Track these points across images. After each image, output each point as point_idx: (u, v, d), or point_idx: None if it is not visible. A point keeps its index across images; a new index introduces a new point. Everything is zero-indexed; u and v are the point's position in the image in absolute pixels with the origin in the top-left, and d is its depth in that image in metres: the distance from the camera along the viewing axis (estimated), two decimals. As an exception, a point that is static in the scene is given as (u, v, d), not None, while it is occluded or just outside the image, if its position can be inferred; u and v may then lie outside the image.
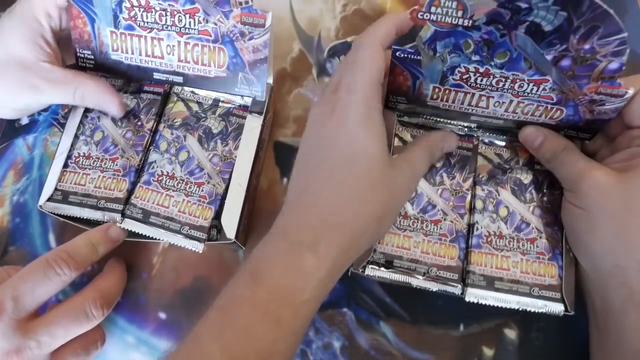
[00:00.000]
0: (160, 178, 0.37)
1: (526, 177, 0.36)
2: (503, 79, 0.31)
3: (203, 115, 0.39)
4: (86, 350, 0.35)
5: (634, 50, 0.41)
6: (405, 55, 0.31)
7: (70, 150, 0.38)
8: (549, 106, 0.32)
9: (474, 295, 0.33)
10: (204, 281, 0.39)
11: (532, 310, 0.33)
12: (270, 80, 0.38)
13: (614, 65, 0.28)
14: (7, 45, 0.36)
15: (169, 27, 0.36)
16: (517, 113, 0.33)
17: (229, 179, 0.36)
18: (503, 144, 0.37)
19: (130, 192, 0.36)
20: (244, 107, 0.39)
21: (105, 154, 0.38)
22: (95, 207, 0.36)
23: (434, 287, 0.33)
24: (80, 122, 0.39)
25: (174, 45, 0.37)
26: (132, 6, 0.35)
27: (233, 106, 0.39)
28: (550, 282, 0.33)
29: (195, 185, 0.36)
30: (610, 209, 0.30)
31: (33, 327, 0.31)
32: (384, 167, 0.30)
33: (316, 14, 0.46)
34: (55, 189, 0.37)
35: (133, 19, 0.36)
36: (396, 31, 0.32)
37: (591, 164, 0.32)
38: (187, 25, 0.35)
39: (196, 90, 0.39)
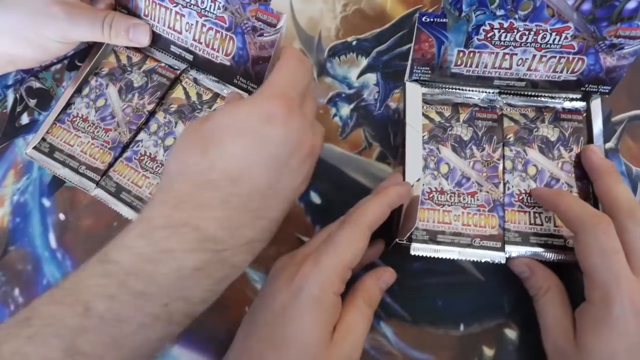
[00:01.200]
0: (142, 158, 0.38)
1: (552, 135, 0.37)
2: (526, 32, 0.32)
3: (199, 107, 0.39)
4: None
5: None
6: (431, 20, 0.32)
7: (69, 107, 0.39)
8: (571, 57, 0.34)
9: (513, 252, 0.34)
10: (204, 281, 0.39)
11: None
12: None
13: (632, 4, 0.29)
14: None
15: (192, 6, 0.36)
16: (539, 71, 0.35)
17: None
18: (528, 103, 0.38)
19: (111, 165, 0.38)
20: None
21: (101, 122, 0.39)
22: (75, 171, 0.38)
23: (479, 257, 0.34)
24: (88, 84, 0.40)
25: (192, 24, 0.38)
26: None
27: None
28: None
29: None
30: None
31: (305, 110, 0.30)
32: (319, 350, 0.28)
33: (316, 14, 0.46)
34: (43, 140, 0.39)
35: None
36: (390, 209, 0.32)
37: (558, 325, 0.32)
38: (208, 9, 0.36)
39: (200, 81, 0.40)
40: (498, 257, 0.34)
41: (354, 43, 0.45)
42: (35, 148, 0.38)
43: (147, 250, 0.25)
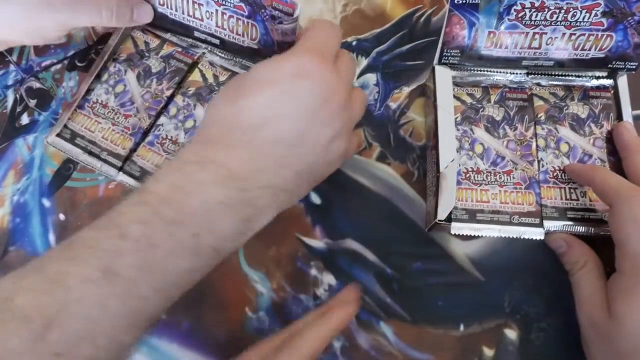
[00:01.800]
0: (163, 141, 0.38)
1: (582, 112, 0.38)
2: (557, 11, 0.33)
3: (217, 88, 0.40)
4: (363, 100, 0.34)
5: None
6: (464, 1, 0.33)
7: (89, 94, 0.40)
8: (599, 34, 0.35)
9: (551, 227, 0.35)
10: (204, 281, 0.38)
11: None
12: None
13: None
14: None
15: None
16: (567, 49, 0.36)
17: None
18: (556, 82, 0.39)
19: (133, 151, 0.39)
20: None
21: (121, 108, 0.39)
22: (97, 157, 0.38)
23: (518, 234, 0.34)
24: (107, 70, 0.40)
25: (212, 12, 0.38)
26: None
27: None
28: None
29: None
30: (600, 348, 0.31)
31: (339, 67, 0.31)
32: None
33: (316, 14, 0.46)
34: (65, 127, 0.39)
35: None
36: (332, 337, 0.32)
37: (594, 297, 0.32)
38: None
39: (216, 62, 0.41)
40: (537, 233, 0.34)
41: (354, 43, 0.45)
42: (58, 135, 0.39)
43: (180, 182, 0.27)
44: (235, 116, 0.29)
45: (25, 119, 0.44)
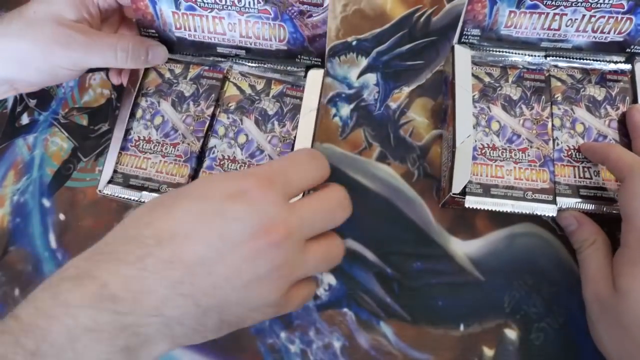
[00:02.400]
0: (222, 162, 0.38)
1: (599, 94, 0.38)
2: None
3: (257, 97, 0.39)
4: (329, 257, 0.30)
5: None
6: None
7: (128, 134, 0.39)
8: (619, 17, 0.35)
9: (564, 204, 0.35)
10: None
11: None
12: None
13: None
14: (50, 3, 0.35)
15: (229, 7, 0.36)
16: (587, 32, 0.36)
17: None
18: (574, 65, 0.39)
19: (193, 177, 0.37)
20: (297, 87, 0.39)
21: (166, 138, 0.38)
22: (157, 191, 0.37)
23: (531, 209, 0.35)
24: (139, 106, 0.40)
25: (235, 23, 0.37)
26: None
27: (286, 86, 0.39)
28: None
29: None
30: (605, 324, 0.31)
31: (296, 206, 0.27)
32: None
33: (316, 14, 0.46)
34: (115, 172, 0.38)
35: (193, 0, 0.36)
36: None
37: (600, 273, 0.32)
38: (247, 5, 0.36)
39: (246, 72, 0.40)
40: (550, 209, 0.35)
41: (354, 43, 0.45)
42: (110, 182, 0.37)
43: (46, 304, 0.23)
44: (142, 227, 0.25)
45: (25, 119, 0.44)
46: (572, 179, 0.36)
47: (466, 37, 0.38)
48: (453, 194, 0.35)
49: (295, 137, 0.37)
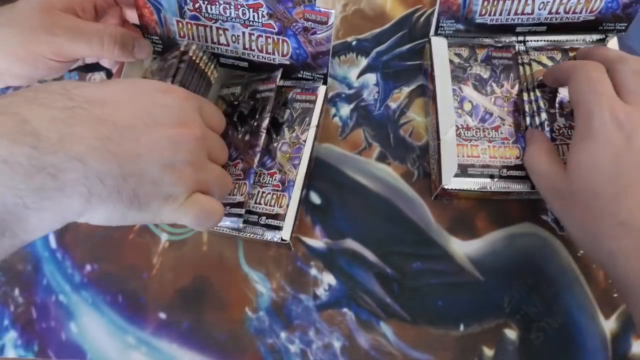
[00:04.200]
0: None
1: None
2: None
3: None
4: (224, 178, 0.32)
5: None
6: None
7: None
8: None
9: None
10: (204, 281, 0.39)
11: None
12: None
13: None
14: None
15: (234, 19, 0.36)
16: (559, 13, 0.37)
17: (299, 164, 0.37)
18: (552, 47, 0.39)
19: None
20: (306, 90, 0.39)
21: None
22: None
23: (505, 186, 0.35)
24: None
25: (239, 35, 0.37)
26: None
27: (295, 91, 0.39)
28: None
29: (268, 175, 0.37)
30: (565, 210, 0.31)
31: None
32: None
33: (316, 14, 0.46)
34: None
35: (198, 10, 0.36)
36: None
37: (550, 167, 0.33)
38: (251, 19, 0.36)
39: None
40: (524, 185, 0.35)
41: (354, 43, 0.45)
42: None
43: None
44: (70, 88, 0.25)
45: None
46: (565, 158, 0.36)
47: (442, 28, 0.39)
48: (444, 186, 0.35)
49: (304, 140, 0.37)
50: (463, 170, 0.36)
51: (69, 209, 0.24)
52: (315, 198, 0.40)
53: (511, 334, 0.36)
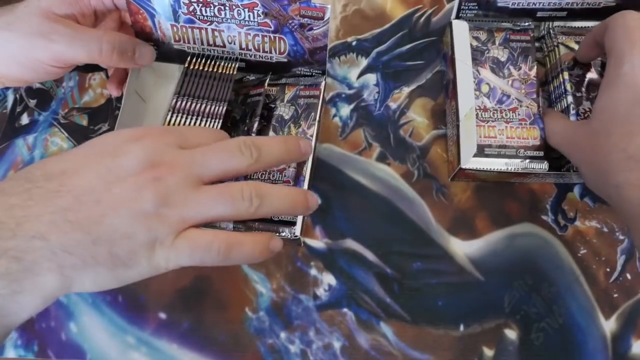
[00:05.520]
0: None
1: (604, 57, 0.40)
2: None
3: (272, 105, 0.39)
4: (226, 195, 0.28)
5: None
6: None
7: None
8: None
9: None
10: (204, 281, 0.39)
11: None
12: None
13: None
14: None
15: (229, 20, 0.36)
16: None
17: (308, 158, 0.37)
18: (579, 32, 0.40)
19: None
20: (310, 86, 0.39)
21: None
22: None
23: (523, 167, 0.36)
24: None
25: (234, 36, 0.37)
26: (191, 2, 0.35)
27: (299, 87, 0.39)
28: None
29: (278, 172, 0.37)
30: (581, 156, 0.33)
31: (190, 150, 0.28)
32: None
33: (316, 14, 0.46)
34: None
35: (192, 13, 0.36)
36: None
37: (565, 123, 0.35)
38: (247, 18, 0.36)
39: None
40: (542, 165, 0.36)
41: (354, 43, 0.45)
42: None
43: None
44: (33, 169, 0.25)
45: (25, 119, 0.44)
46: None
47: (464, 11, 0.39)
48: (462, 167, 0.35)
49: (312, 135, 0.37)
50: (480, 151, 0.36)
51: (47, 287, 0.24)
52: (315, 198, 0.40)
53: (511, 334, 0.36)
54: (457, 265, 0.38)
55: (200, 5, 0.35)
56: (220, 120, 0.36)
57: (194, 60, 0.39)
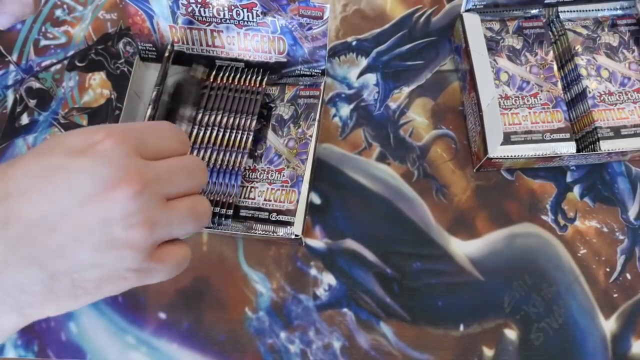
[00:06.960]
0: (244, 173, 0.37)
1: (614, 40, 0.40)
2: None
3: (272, 104, 0.40)
4: (195, 212, 0.26)
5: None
6: None
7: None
8: None
9: (608, 146, 0.37)
10: (204, 281, 0.39)
11: None
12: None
13: None
14: None
15: (228, 21, 0.36)
16: None
17: (307, 159, 0.37)
18: (586, 16, 0.41)
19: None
20: (309, 86, 0.39)
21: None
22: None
23: (551, 150, 0.36)
24: None
25: (233, 36, 0.37)
26: (189, 2, 0.35)
27: (299, 87, 0.40)
28: None
29: (276, 172, 0.37)
30: None
31: (152, 162, 0.24)
32: None
33: (316, 14, 0.46)
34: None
35: (191, 14, 0.36)
36: None
37: None
38: (246, 19, 0.36)
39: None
40: (569, 147, 0.36)
41: (354, 43, 0.45)
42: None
43: None
44: None
45: (25, 119, 0.44)
46: (611, 122, 0.37)
47: (472, 2, 0.40)
48: (489, 157, 0.36)
49: (311, 135, 0.37)
50: (506, 138, 0.37)
51: (5, 326, 0.22)
52: (315, 198, 0.40)
53: (511, 334, 0.36)
54: (457, 265, 0.38)
55: (199, 6, 0.35)
56: (252, 134, 0.37)
57: (219, 74, 0.39)
